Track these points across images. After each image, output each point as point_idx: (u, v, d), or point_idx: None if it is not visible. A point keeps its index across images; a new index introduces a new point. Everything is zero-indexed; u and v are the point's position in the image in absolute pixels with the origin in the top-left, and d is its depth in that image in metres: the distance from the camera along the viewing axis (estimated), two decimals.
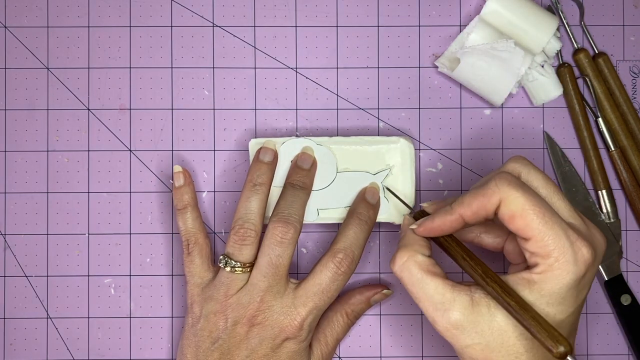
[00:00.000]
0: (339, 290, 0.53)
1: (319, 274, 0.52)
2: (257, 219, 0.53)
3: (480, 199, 0.46)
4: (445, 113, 0.60)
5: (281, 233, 0.52)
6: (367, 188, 0.56)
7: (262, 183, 0.54)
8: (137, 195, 0.59)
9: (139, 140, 0.60)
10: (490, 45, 0.56)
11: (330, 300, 0.53)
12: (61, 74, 0.60)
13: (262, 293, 0.52)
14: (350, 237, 0.53)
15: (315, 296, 0.52)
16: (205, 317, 0.53)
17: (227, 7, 0.60)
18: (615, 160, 0.59)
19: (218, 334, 0.52)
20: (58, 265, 0.59)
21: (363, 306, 0.57)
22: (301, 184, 0.55)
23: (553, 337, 0.43)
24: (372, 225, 0.55)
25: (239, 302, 0.52)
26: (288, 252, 0.52)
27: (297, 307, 0.52)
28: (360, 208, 0.54)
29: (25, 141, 0.59)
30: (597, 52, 0.59)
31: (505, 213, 0.45)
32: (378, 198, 0.56)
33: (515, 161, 0.48)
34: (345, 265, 0.52)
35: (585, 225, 0.47)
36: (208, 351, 0.52)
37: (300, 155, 0.56)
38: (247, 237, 0.53)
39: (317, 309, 0.52)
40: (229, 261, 0.53)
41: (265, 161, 0.55)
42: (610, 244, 0.59)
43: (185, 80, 0.60)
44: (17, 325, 0.59)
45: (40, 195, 0.59)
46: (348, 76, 0.60)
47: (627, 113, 0.59)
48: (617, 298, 0.58)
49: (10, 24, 0.60)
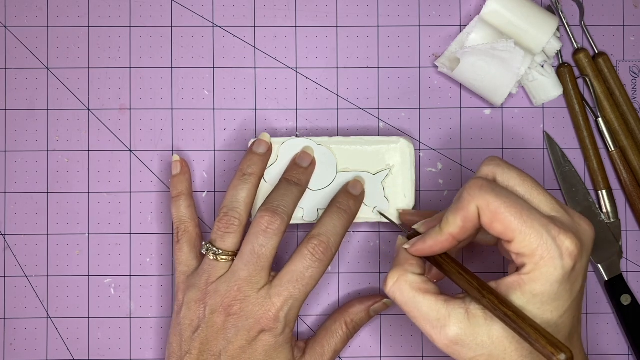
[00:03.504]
0: (315, 280, 0.52)
1: (293, 261, 0.51)
2: (243, 208, 0.53)
3: (461, 213, 0.45)
4: (445, 113, 0.60)
5: (267, 222, 0.51)
6: (351, 181, 0.55)
7: (252, 173, 0.54)
8: (137, 195, 0.59)
9: (139, 140, 0.60)
10: (490, 45, 0.56)
11: (307, 290, 0.51)
12: (61, 74, 0.60)
13: (240, 282, 0.51)
14: (327, 224, 0.52)
15: (290, 284, 0.51)
16: (187, 304, 0.52)
17: (227, 7, 0.60)
18: (615, 160, 0.59)
19: (198, 322, 0.52)
20: (58, 265, 0.59)
21: (363, 316, 0.56)
22: (296, 180, 0.54)
23: (552, 345, 0.42)
24: (352, 215, 0.54)
25: (217, 289, 0.52)
26: (272, 242, 0.51)
27: (271, 297, 0.51)
28: (340, 197, 0.54)
29: (25, 141, 0.59)
30: (597, 52, 0.59)
31: (484, 220, 0.45)
32: (361, 190, 0.55)
33: (488, 163, 0.47)
34: (319, 251, 0.51)
35: (569, 216, 0.46)
36: (189, 340, 0.52)
37: (299, 154, 0.56)
38: (231, 225, 0.52)
39: (293, 299, 0.51)
40: (211, 248, 0.52)
41: (258, 152, 0.55)
42: (610, 244, 0.59)
43: (185, 80, 0.60)
44: (17, 325, 0.59)
45: (40, 195, 0.59)
46: (348, 76, 0.60)
47: (627, 113, 0.59)
48: (617, 298, 0.58)
49: (10, 24, 0.60)
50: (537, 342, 0.42)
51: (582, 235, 0.45)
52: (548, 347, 0.42)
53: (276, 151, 0.56)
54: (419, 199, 0.59)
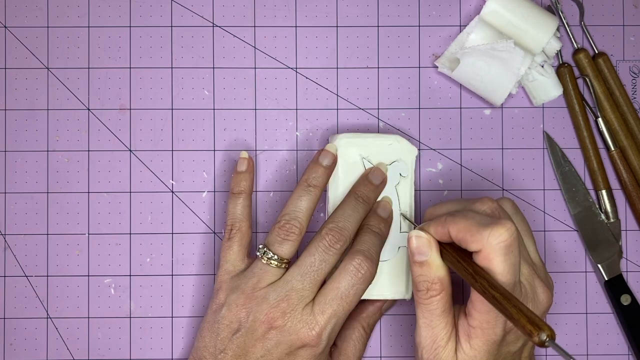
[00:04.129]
0: (359, 297, 0.51)
1: (338, 277, 0.51)
2: (304, 219, 0.53)
3: (468, 226, 0.47)
4: (445, 113, 0.60)
5: (331, 241, 0.51)
6: (380, 203, 0.55)
7: (316, 185, 0.53)
8: (137, 195, 0.59)
9: (139, 140, 0.60)
10: (490, 45, 0.56)
11: (350, 308, 0.51)
12: (61, 74, 0.60)
13: (291, 293, 0.51)
14: (367, 241, 0.52)
15: (334, 301, 0.51)
16: (228, 306, 0.52)
17: (227, 7, 0.60)
18: (615, 160, 0.59)
19: (238, 325, 0.51)
20: (58, 265, 0.59)
21: (377, 316, 0.57)
22: (365, 198, 0.54)
23: (533, 323, 0.42)
24: (384, 238, 0.54)
25: (265, 297, 0.51)
26: (331, 260, 0.51)
27: (315, 315, 0.50)
28: (370, 220, 0.54)
29: (25, 141, 0.59)
30: (597, 52, 0.59)
31: (478, 258, 0.47)
32: (390, 213, 0.55)
33: (506, 206, 0.51)
34: (365, 267, 0.51)
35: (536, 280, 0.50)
36: (226, 340, 0.51)
37: (373, 169, 0.55)
38: (291, 232, 0.52)
39: (336, 317, 0.51)
40: (267, 252, 0.52)
41: (323, 164, 0.54)
42: (610, 244, 0.59)
43: (185, 80, 0.60)
44: (17, 325, 0.59)
45: (40, 195, 0.59)
46: (348, 76, 0.60)
47: (627, 113, 0.59)
48: (617, 298, 0.58)
49: (10, 24, 0.60)
50: (518, 320, 0.43)
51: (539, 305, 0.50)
52: (528, 325, 0.42)
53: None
54: (420, 199, 0.59)
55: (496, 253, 0.46)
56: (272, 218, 0.59)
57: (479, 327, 0.47)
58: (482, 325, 0.47)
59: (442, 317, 0.49)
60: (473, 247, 0.46)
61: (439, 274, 0.48)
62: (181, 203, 0.59)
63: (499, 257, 0.46)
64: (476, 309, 0.47)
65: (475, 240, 0.46)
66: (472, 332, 0.48)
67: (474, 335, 0.48)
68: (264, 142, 0.59)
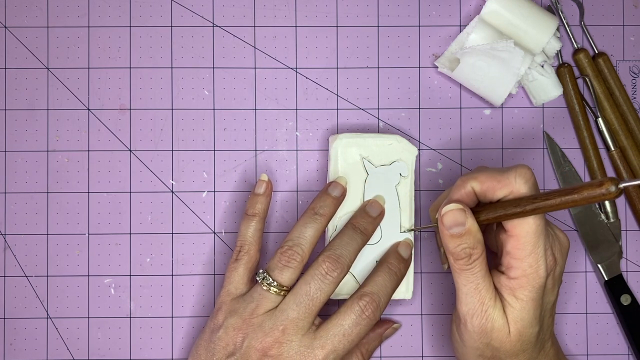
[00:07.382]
0: (361, 337, 0.51)
1: (342, 314, 0.51)
2: (307, 247, 0.53)
3: (495, 182, 0.48)
4: (445, 113, 0.60)
5: (327, 269, 0.51)
6: (401, 242, 0.55)
7: (323, 214, 0.53)
8: (137, 195, 0.59)
9: (139, 140, 0.60)
10: (490, 45, 0.56)
11: (350, 346, 0.51)
12: (61, 74, 0.60)
13: (286, 323, 0.50)
14: (379, 283, 0.52)
15: (335, 338, 0.50)
16: (225, 328, 0.52)
17: (227, 7, 0.60)
18: (615, 160, 0.59)
19: (233, 349, 0.51)
20: (58, 265, 0.59)
21: (377, 343, 0.57)
22: (362, 229, 0.54)
23: (596, 185, 0.43)
24: (401, 278, 0.54)
25: (261, 324, 0.51)
26: (328, 289, 0.51)
27: (314, 348, 0.50)
28: (391, 258, 0.54)
29: (25, 141, 0.60)
30: (597, 52, 0.59)
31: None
32: (410, 253, 0.55)
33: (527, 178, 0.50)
34: (370, 309, 0.51)
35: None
36: None
37: (371, 201, 0.55)
38: (293, 260, 0.52)
39: (335, 354, 0.50)
40: (267, 277, 0.52)
41: (332, 195, 0.54)
42: (610, 244, 0.59)
43: (185, 80, 0.60)
44: (17, 325, 0.59)
45: (40, 195, 0.59)
46: (348, 76, 0.60)
47: (627, 113, 0.59)
48: (617, 298, 0.58)
49: (10, 24, 0.60)
50: (588, 188, 0.43)
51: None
52: (597, 188, 0.43)
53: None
54: (419, 199, 0.59)
55: (525, 192, 0.47)
56: (272, 218, 0.59)
57: (522, 275, 0.48)
58: (525, 272, 0.48)
59: (487, 277, 0.49)
60: (501, 193, 0.48)
61: (479, 237, 0.49)
62: (181, 203, 0.59)
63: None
64: (516, 257, 0.48)
65: (504, 185, 0.47)
66: (515, 283, 0.48)
67: (517, 286, 0.48)
68: (264, 142, 0.60)
